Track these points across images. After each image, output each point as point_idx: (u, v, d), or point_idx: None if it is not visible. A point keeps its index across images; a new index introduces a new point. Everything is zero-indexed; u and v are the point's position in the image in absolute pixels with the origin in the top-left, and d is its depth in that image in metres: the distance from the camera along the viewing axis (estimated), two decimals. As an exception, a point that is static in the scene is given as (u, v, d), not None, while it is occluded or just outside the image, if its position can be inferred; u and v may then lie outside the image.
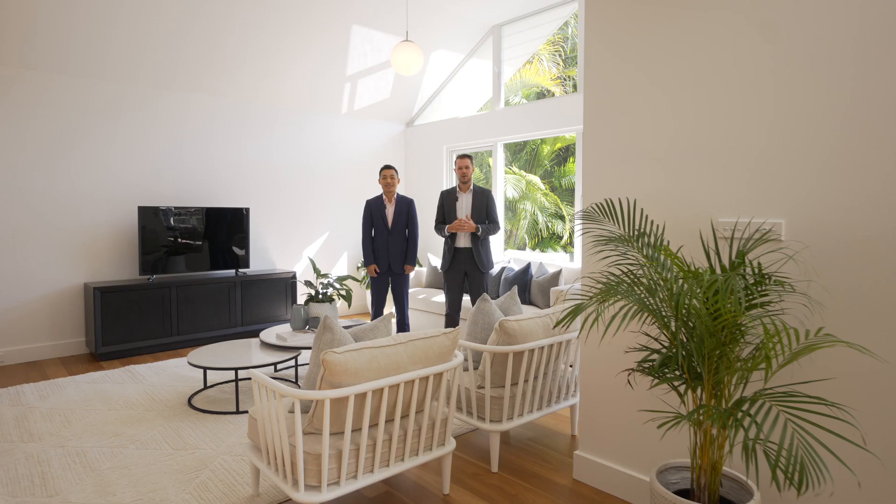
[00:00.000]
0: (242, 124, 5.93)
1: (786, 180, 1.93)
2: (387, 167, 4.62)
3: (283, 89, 5.98)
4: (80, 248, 4.97)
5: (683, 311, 1.68)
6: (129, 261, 5.22)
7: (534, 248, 9.13)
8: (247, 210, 5.71)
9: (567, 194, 9.74)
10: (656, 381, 1.66)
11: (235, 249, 5.67)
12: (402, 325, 4.70)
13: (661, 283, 1.75)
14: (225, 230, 5.61)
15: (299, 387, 3.99)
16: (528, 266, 5.02)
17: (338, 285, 4.36)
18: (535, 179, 8.84)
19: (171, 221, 5.26)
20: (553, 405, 2.98)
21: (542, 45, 7.73)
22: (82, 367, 4.54)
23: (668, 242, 2.00)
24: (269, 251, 6.19)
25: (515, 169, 9.33)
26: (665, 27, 2.25)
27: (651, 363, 1.85)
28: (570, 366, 3.06)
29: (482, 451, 2.96)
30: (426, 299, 5.51)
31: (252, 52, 5.35)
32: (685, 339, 1.71)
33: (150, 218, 5.11)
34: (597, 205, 2.15)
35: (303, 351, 4.54)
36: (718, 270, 2.03)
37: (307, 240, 6.52)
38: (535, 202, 8.84)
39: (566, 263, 5.27)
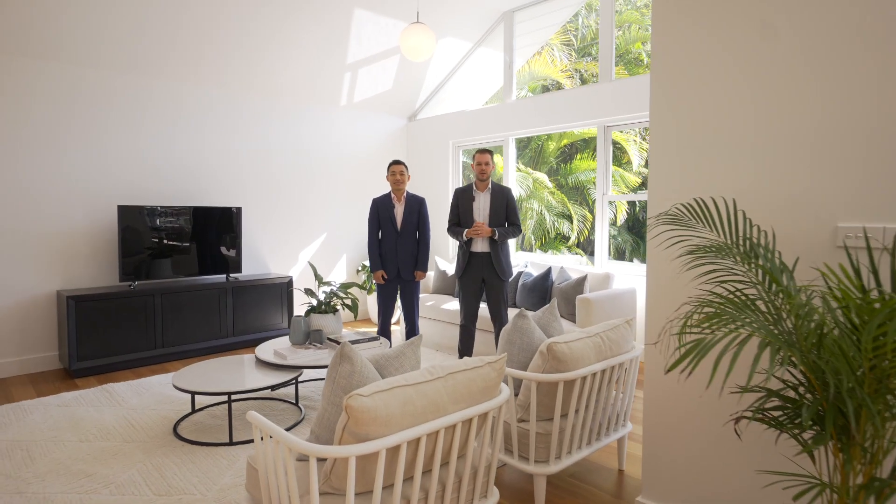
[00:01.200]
0: (233, 116, 5.44)
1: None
2: (396, 162, 4.17)
3: (279, 78, 5.51)
4: (52, 252, 4.47)
5: (829, 347, 1.26)
6: (107, 266, 4.73)
7: (545, 250, 8.71)
8: (238, 209, 5.24)
9: (573, 193, 9.35)
10: (803, 447, 1.24)
11: (226, 252, 5.20)
12: (412, 337, 4.26)
13: (797, 309, 1.33)
14: (214, 231, 5.13)
15: (301, 410, 3.54)
16: (549, 271, 4.59)
17: (342, 294, 3.91)
18: (543, 177, 8.43)
19: (156, 222, 4.77)
20: (603, 438, 2.56)
21: (554, 34, 7.31)
22: (53, 385, 4.05)
23: (780, 254, 1.58)
24: (262, 254, 5.72)
25: (521, 166, 8.92)
26: (763, -13, 1.83)
27: (770, 412, 1.43)
28: (621, 374, 2.63)
29: (520, 493, 2.53)
30: (435, 307, 5.07)
31: (247, 39, 4.87)
32: (831, 386, 1.29)
33: (132, 218, 4.62)
34: (685, 206, 1.73)
35: (304, 370, 4.00)
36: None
37: (304, 241, 6.05)
38: (542, 201, 8.43)
39: (588, 268, 4.86)
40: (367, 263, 6.22)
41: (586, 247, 9.79)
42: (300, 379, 4.20)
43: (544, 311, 2.74)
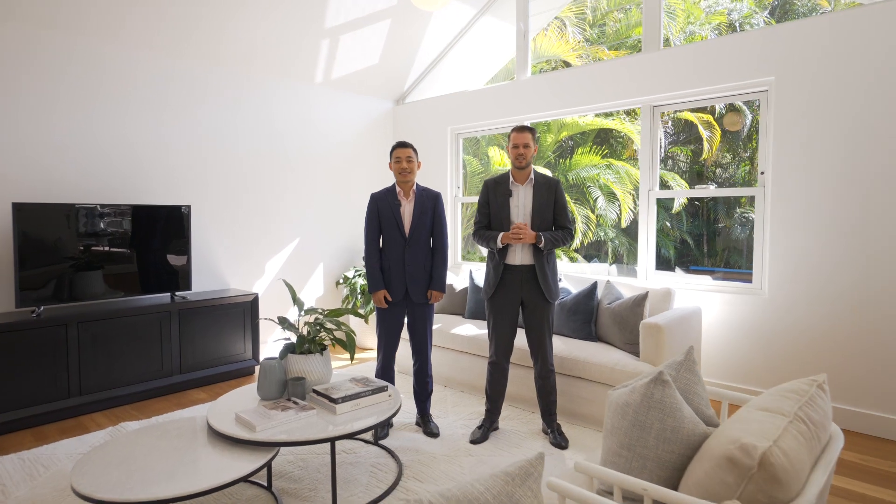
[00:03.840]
0: (181, 93, 4.24)
1: None
2: (401, 145, 3.10)
3: (239, 45, 4.34)
4: (-84, 268, 3.21)
5: None
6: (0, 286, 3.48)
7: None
8: (187, 208, 4.06)
9: (573, 191, 8.43)
10: None
11: (173, 262, 4.01)
12: (423, 378, 3.19)
13: None
14: (157, 237, 3.93)
15: (276, 498, 2.43)
16: (594, 288, 3.60)
17: (331, 325, 2.81)
18: (546, 173, 7.47)
19: (74, 225, 3.55)
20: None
21: (566, 5, 6.34)
22: None
23: None
24: (219, 265, 4.53)
25: (517, 161, 7.94)
26: None
27: None
28: None
29: None
30: (442, 331, 4.01)
31: (193, -18, 3.71)
32: None
33: (37, 220, 3.39)
34: None
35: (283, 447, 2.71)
36: None
37: (272, 249, 4.88)
38: (544, 200, 7.47)
39: (641, 283, 3.90)
40: (350, 275, 5.11)
41: (583, 252, 8.90)
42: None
43: (679, 367, 1.72)
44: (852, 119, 3.15)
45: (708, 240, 9.77)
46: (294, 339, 2.87)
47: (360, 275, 5.06)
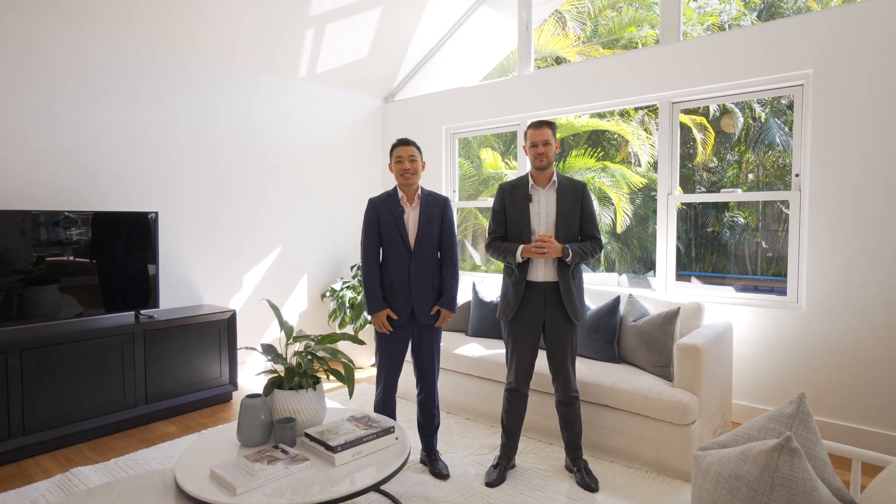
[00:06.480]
0: (148, 87, 3.76)
1: None
2: (403, 142, 2.69)
3: (215, 29, 3.88)
4: None
5: None
6: (-70, 306, 2.96)
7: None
8: (154, 216, 3.57)
9: (566, 195, 8.12)
10: None
11: (138, 275, 3.52)
12: (429, 409, 2.78)
13: None
14: (121, 248, 3.44)
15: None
16: (616, 302, 3.23)
17: (325, 354, 2.38)
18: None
19: (27, 235, 3.05)
20: None
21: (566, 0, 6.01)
22: None
23: None
24: (191, 278, 4.04)
25: (509, 162, 7.59)
26: None
27: None
28: None
29: None
30: (444, 351, 3.58)
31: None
32: None
33: (-30, 230, 2.89)
34: None
35: None
36: None
37: (250, 259, 4.41)
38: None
39: (656, 294, 3.55)
40: (338, 288, 4.66)
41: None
42: None
43: (790, 421, 1.34)
44: (903, 116, 2.85)
45: (700, 244, 9.56)
46: (278, 367, 2.41)
47: (347, 287, 4.62)
